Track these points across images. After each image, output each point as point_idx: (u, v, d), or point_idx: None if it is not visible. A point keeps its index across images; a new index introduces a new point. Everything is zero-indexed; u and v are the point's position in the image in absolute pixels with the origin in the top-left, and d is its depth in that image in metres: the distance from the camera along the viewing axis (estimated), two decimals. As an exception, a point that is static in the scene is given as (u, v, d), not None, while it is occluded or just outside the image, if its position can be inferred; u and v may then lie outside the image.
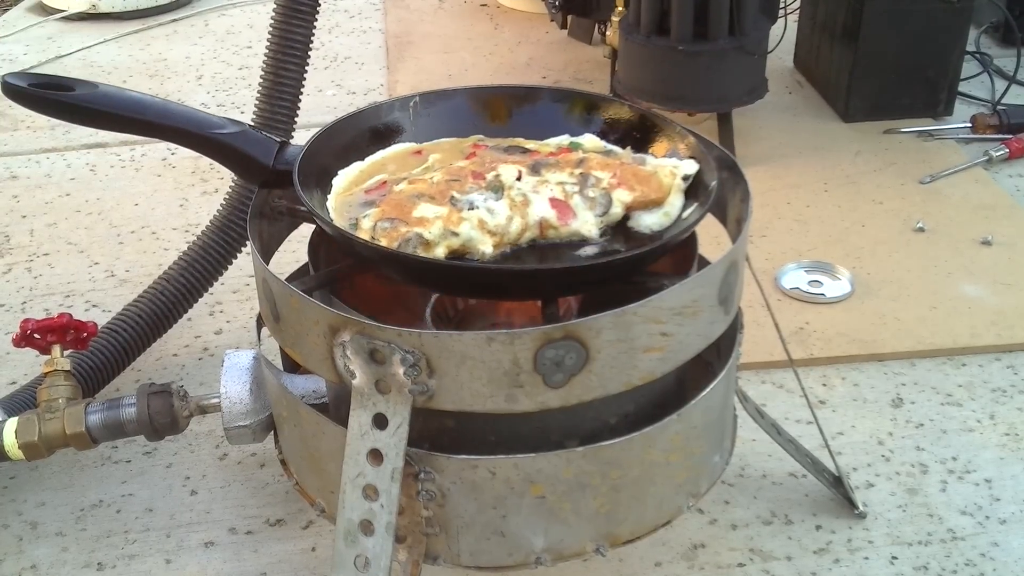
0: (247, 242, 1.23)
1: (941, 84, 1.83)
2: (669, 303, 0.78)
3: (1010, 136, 1.77)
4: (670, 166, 0.90)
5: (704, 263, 0.94)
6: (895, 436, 1.19)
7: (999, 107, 1.85)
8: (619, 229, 0.87)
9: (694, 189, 0.89)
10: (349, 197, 0.89)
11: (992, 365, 1.30)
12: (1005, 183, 1.69)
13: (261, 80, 1.22)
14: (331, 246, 0.96)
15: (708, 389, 0.86)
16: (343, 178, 0.92)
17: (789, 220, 1.59)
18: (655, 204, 0.87)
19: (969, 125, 1.82)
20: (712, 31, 1.63)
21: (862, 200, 1.64)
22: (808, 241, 1.53)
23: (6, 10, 2.67)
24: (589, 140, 0.96)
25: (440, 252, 0.81)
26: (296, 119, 1.24)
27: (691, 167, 0.90)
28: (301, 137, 0.97)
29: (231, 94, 2.10)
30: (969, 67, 1.94)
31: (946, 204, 1.62)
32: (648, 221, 0.87)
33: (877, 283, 1.43)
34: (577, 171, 0.88)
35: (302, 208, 0.88)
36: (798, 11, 2.03)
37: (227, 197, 1.28)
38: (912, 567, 1.03)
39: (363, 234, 0.83)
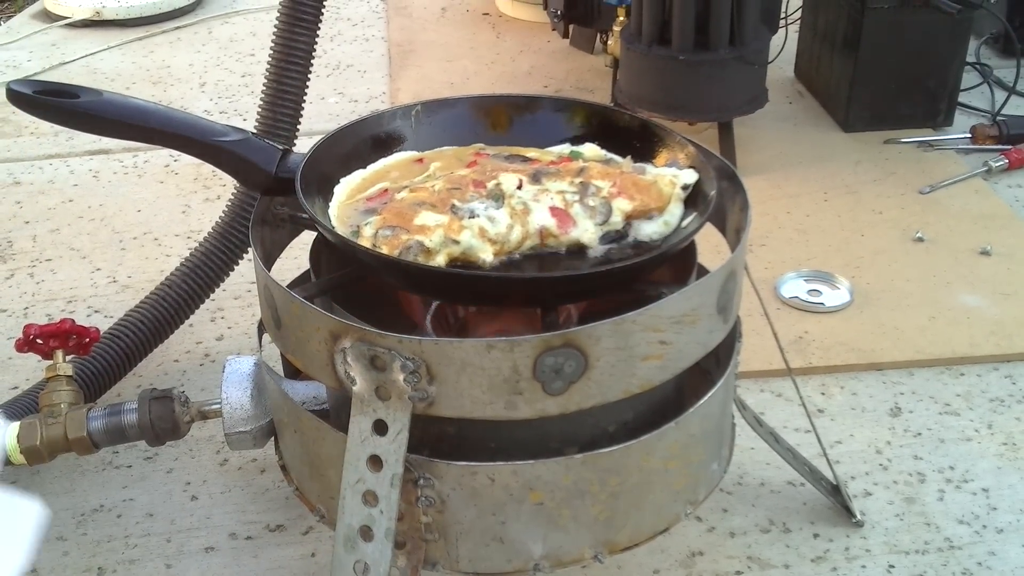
0: (249, 249, 1.24)
1: (941, 95, 1.84)
2: (668, 311, 0.79)
3: (1009, 147, 1.77)
4: (670, 175, 0.90)
5: (703, 272, 0.95)
6: (893, 445, 1.20)
7: (999, 118, 1.85)
8: (619, 238, 0.87)
9: (694, 198, 0.90)
10: (351, 205, 0.90)
11: (990, 375, 1.30)
12: (1004, 193, 1.69)
13: (264, 88, 1.23)
14: (333, 253, 0.96)
15: (706, 397, 0.87)
16: (345, 186, 0.93)
17: (789, 229, 1.59)
18: (655, 213, 0.88)
19: (969, 136, 1.83)
20: (713, 41, 1.64)
21: (862, 210, 1.64)
22: (808, 250, 1.54)
23: (10, 16, 2.68)
24: (589, 149, 0.97)
25: (441, 260, 0.82)
26: (298, 127, 1.24)
27: (691, 176, 0.90)
28: (303, 145, 0.98)
29: (234, 101, 2.11)
30: (969, 78, 1.95)
31: (945, 214, 1.62)
32: (648, 230, 0.87)
33: (876, 292, 1.44)
34: (577, 180, 0.89)
35: (304, 215, 0.89)
36: (799, 21, 2.04)
37: (229, 204, 1.28)
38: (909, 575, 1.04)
39: (364, 242, 0.83)
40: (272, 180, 0.90)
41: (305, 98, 1.24)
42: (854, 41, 1.79)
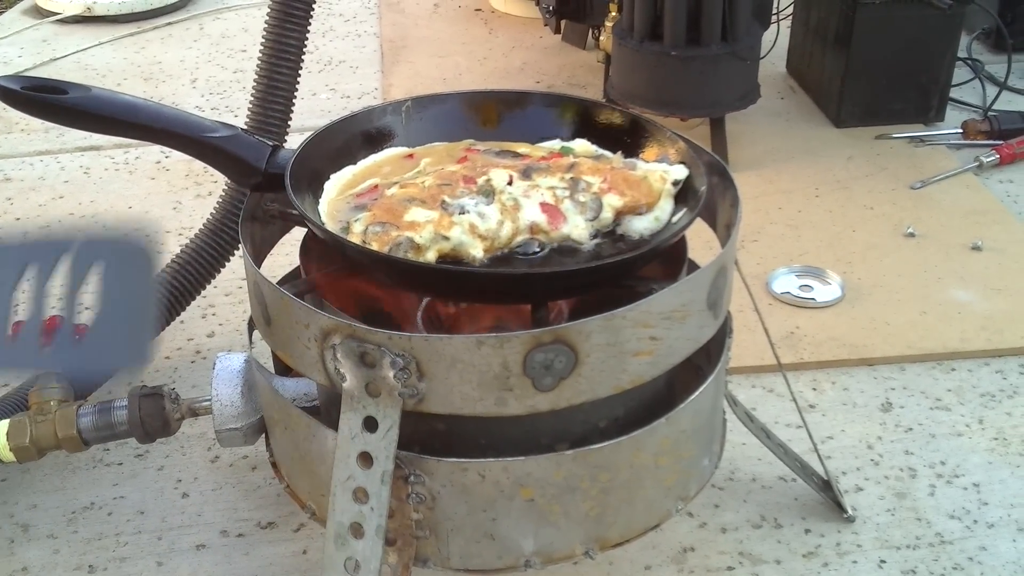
0: (240, 245, 1.24)
1: (933, 90, 1.84)
2: (658, 307, 0.79)
3: (1000, 142, 1.77)
4: (660, 171, 0.90)
5: (694, 268, 0.95)
6: (884, 440, 1.20)
7: (990, 113, 1.86)
8: (609, 233, 0.87)
9: (684, 194, 0.90)
10: (341, 201, 0.90)
11: (981, 370, 1.30)
12: (995, 189, 1.69)
13: (255, 84, 1.23)
14: (323, 250, 0.96)
15: (697, 393, 0.87)
16: (335, 182, 0.92)
17: (781, 225, 1.60)
18: (645, 209, 0.88)
19: (960, 131, 1.83)
20: (705, 36, 1.64)
21: (853, 205, 1.64)
22: (799, 246, 1.54)
23: (1, 12, 2.66)
24: (580, 145, 0.97)
25: (431, 256, 0.82)
26: (289, 123, 1.24)
27: (681, 172, 0.90)
28: (294, 141, 0.97)
29: (225, 98, 2.10)
30: (960, 73, 1.95)
31: (937, 209, 1.63)
32: (638, 226, 0.87)
33: (868, 288, 1.44)
34: (568, 176, 0.89)
35: (294, 212, 0.88)
36: (791, 17, 2.04)
37: (220, 200, 1.28)
38: (900, 571, 1.03)
39: (354, 238, 0.83)
40: (262, 176, 0.90)
41: (296, 94, 1.24)
42: (846, 37, 1.79)
